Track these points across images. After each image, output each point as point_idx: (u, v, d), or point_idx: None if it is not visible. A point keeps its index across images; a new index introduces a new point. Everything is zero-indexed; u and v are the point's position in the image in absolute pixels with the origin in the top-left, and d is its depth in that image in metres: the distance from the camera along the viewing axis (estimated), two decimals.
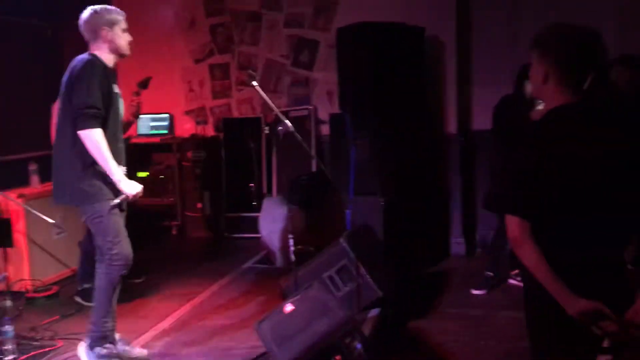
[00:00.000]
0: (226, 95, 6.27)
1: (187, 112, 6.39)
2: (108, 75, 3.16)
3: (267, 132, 5.97)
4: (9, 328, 3.33)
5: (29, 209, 4.00)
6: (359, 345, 2.91)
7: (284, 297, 3.78)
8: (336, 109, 5.21)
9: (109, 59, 3.21)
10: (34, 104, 5.06)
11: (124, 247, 3.20)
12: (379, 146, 4.53)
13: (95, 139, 3.00)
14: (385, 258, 4.12)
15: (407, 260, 4.48)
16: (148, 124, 6.23)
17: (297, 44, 5.94)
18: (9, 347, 3.32)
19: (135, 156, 4.78)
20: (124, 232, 3.23)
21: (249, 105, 6.20)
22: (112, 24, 3.18)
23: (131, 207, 4.75)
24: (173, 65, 6.25)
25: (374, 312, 3.55)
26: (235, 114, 6.26)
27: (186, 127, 6.37)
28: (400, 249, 4.40)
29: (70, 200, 3.20)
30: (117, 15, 3.24)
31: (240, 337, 3.64)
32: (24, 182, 4.71)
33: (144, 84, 4.12)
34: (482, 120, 5.21)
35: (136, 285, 4.63)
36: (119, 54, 3.25)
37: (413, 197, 4.72)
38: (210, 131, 6.33)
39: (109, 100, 3.12)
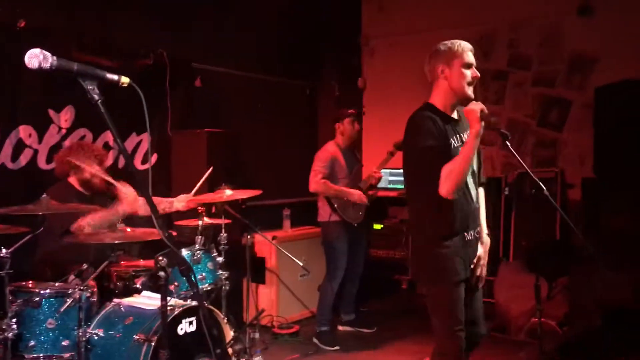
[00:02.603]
0: None
1: None
2: (442, 126, 2.64)
3: (507, 193, 5.74)
4: (259, 359, 3.63)
5: (282, 250, 4.36)
6: None
7: None
8: (588, 173, 4.81)
9: (446, 105, 2.70)
10: (290, 153, 5.59)
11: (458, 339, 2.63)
12: None
13: None
14: None
15: None
16: (387, 178, 6.45)
17: (546, 103, 5.67)
18: None
19: (372, 209, 4.99)
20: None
21: (489, 164, 6.05)
22: (449, 59, 2.68)
23: (365, 258, 4.99)
24: None
25: None
26: None
27: None
28: None
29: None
30: (458, 48, 2.68)
31: None
32: (278, 225, 5.19)
33: (399, 146, 4.27)
34: None
35: (367, 336, 4.73)
36: (459, 98, 2.70)
37: None
38: None
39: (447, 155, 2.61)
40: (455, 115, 2.75)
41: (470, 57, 2.71)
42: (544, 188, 3.25)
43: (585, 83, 5.36)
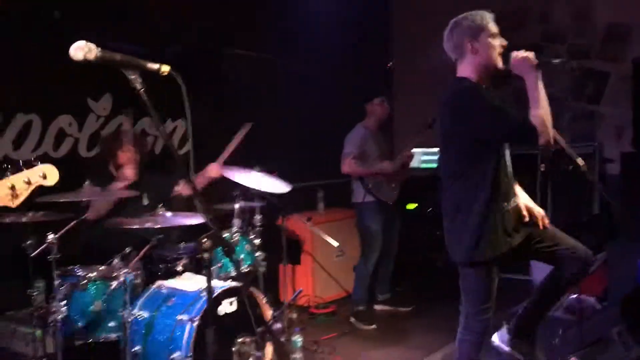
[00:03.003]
0: None
1: None
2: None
3: (542, 169, 5.66)
4: (298, 338, 3.70)
5: (317, 231, 4.41)
6: None
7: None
8: (628, 147, 4.72)
9: (479, 80, 2.64)
10: (323, 135, 5.61)
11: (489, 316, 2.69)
12: None
13: None
14: None
15: None
16: (420, 158, 6.42)
17: (582, 76, 5.55)
18: (296, 355, 3.68)
19: (405, 188, 4.99)
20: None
21: None
22: (475, 33, 2.62)
23: (400, 238, 5.00)
24: None
25: None
26: None
27: None
28: None
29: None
30: (482, 19, 2.62)
31: None
32: (312, 207, 5.24)
33: (430, 125, 4.31)
34: None
35: (403, 315, 4.77)
36: (490, 71, 2.63)
37: None
38: None
39: None
40: None
41: (494, 26, 2.64)
42: (581, 165, 3.22)
43: (622, 54, 5.24)
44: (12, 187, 2.01)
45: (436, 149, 6.54)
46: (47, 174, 2.07)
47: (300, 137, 5.55)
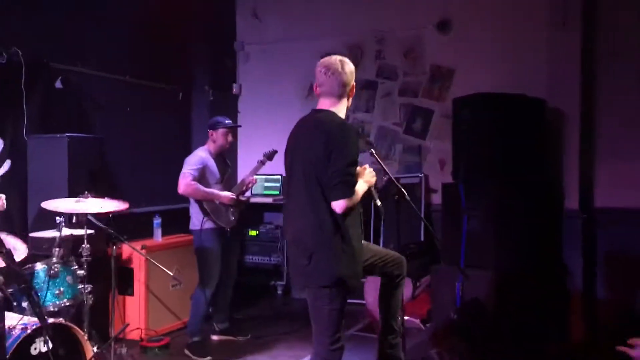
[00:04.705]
0: None
1: None
2: None
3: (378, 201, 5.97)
4: None
5: (152, 260, 4.22)
6: None
7: None
8: (448, 178, 5.16)
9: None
10: (161, 160, 5.42)
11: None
12: (494, 218, 4.41)
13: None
14: (498, 335, 3.94)
15: (521, 339, 4.22)
16: (262, 185, 6.47)
17: (411, 112, 6.00)
18: None
19: (247, 215, 4.98)
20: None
21: None
22: (353, 79, 2.96)
23: (240, 264, 4.96)
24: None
25: None
26: None
27: None
28: (513, 326, 4.17)
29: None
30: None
31: None
32: (148, 234, 5.01)
33: (270, 157, 4.42)
34: (606, 197, 4.95)
35: (241, 344, 4.70)
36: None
37: (528, 273, 4.48)
38: None
39: None
40: None
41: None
42: (405, 193, 3.47)
43: (444, 94, 5.76)
44: None
45: (278, 176, 6.65)
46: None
47: (136, 160, 5.32)
